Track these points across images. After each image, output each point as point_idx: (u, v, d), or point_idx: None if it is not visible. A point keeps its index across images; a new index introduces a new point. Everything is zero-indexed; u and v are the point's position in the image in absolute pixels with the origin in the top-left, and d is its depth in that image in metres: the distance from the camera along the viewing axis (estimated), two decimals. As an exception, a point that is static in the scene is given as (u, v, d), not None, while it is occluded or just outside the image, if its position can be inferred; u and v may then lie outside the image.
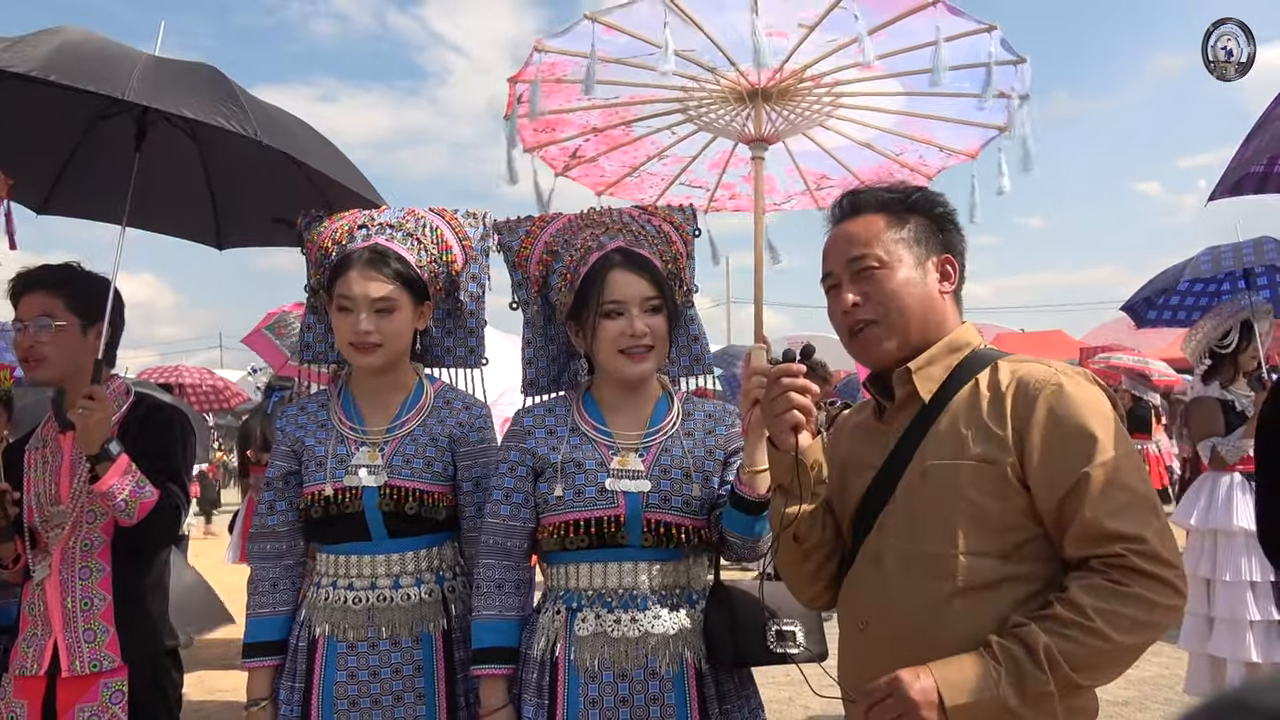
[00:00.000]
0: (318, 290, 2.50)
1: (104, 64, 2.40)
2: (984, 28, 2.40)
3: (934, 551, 1.64)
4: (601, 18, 2.43)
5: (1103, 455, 1.57)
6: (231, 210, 3.38)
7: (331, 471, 2.31)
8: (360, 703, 2.26)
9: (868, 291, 1.76)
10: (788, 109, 2.71)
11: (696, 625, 2.14)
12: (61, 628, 2.50)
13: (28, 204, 3.23)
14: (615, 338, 2.16)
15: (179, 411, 2.76)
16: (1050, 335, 15.92)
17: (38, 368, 2.56)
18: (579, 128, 2.92)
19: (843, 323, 1.80)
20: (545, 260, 2.36)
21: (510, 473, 2.22)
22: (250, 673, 2.36)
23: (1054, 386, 1.64)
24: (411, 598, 2.31)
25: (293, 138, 2.65)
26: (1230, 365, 4.93)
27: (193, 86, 2.50)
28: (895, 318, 1.75)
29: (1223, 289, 5.83)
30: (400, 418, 2.40)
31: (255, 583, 2.40)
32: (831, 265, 1.83)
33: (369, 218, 2.47)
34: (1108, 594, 1.51)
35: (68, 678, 2.48)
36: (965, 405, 1.70)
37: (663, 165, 3.14)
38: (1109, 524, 1.53)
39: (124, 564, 2.58)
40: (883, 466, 1.77)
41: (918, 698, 1.50)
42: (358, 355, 2.33)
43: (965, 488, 1.63)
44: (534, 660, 2.14)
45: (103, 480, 2.40)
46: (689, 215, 2.45)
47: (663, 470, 2.17)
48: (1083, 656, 1.49)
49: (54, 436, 2.63)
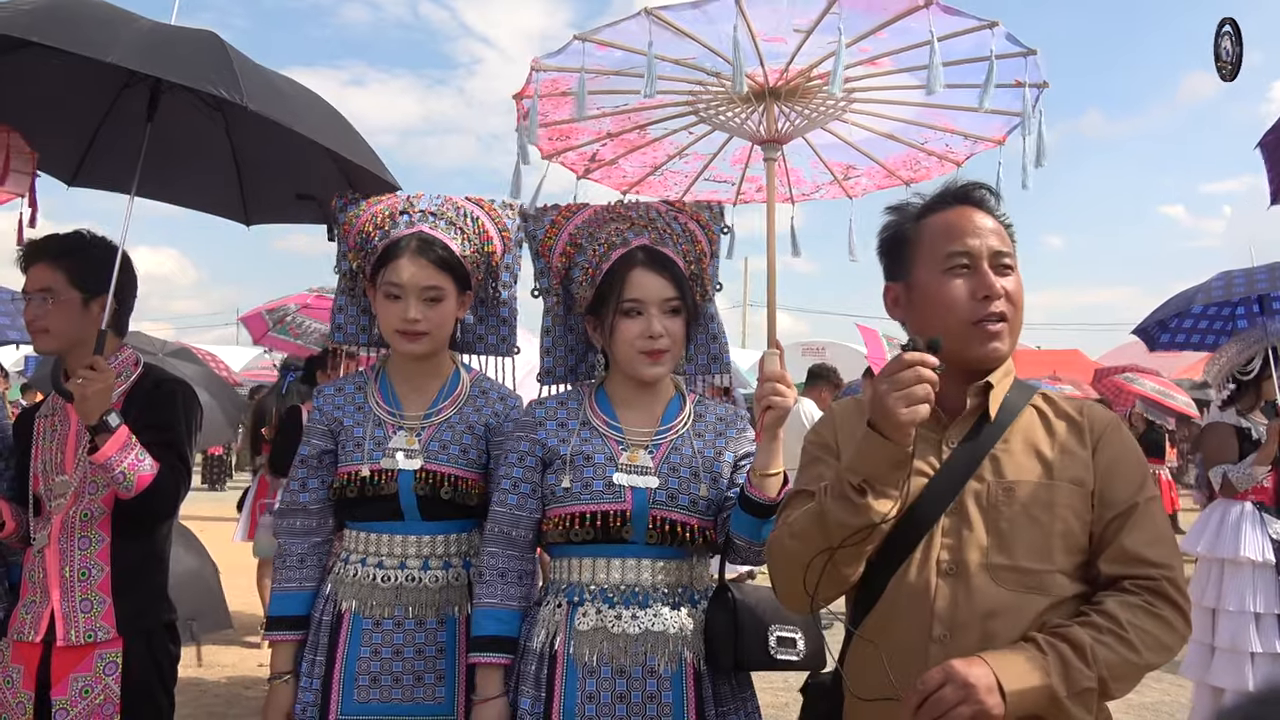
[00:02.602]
0: (355, 274, 2.50)
1: (96, 27, 2.37)
2: (984, 24, 2.38)
3: (1030, 567, 1.66)
4: (591, 37, 2.44)
5: (1147, 491, 1.70)
6: (259, 186, 3.36)
7: (369, 453, 2.33)
8: (381, 680, 2.27)
9: (1008, 289, 1.74)
10: (799, 107, 2.69)
11: (698, 625, 2.13)
12: (59, 597, 2.49)
13: (59, 175, 3.24)
14: (634, 338, 2.14)
15: (184, 384, 2.75)
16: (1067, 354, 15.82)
17: (41, 339, 2.60)
18: (593, 134, 2.94)
19: (976, 310, 1.72)
20: (568, 252, 2.35)
21: (519, 462, 2.22)
22: (274, 646, 2.38)
23: (1116, 423, 1.79)
24: (439, 580, 2.32)
25: (290, 107, 2.60)
26: (1252, 392, 4.89)
27: (185, 53, 2.46)
28: (1017, 324, 1.78)
29: (1237, 313, 5.79)
30: (437, 405, 2.42)
31: (283, 557, 2.41)
32: (975, 246, 1.74)
33: (408, 203, 2.47)
34: (1141, 611, 1.59)
35: (63, 647, 2.48)
36: (1039, 429, 1.76)
37: (685, 163, 3.13)
38: (1147, 552, 1.64)
39: (124, 536, 2.57)
40: (937, 475, 1.74)
41: (976, 681, 1.49)
42: (404, 342, 2.35)
43: (1060, 508, 1.68)
44: (533, 652, 2.13)
45: (101, 451, 2.39)
46: (716, 214, 2.43)
47: (671, 468, 2.16)
48: (1114, 664, 1.55)
49: (63, 405, 2.63)
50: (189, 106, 2.85)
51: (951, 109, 2.74)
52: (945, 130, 2.89)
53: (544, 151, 2.94)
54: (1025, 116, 2.55)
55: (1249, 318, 5.47)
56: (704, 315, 2.41)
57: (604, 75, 2.55)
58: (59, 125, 3.05)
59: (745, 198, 3.25)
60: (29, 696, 2.50)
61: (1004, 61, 2.41)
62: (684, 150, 3.05)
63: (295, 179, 3.12)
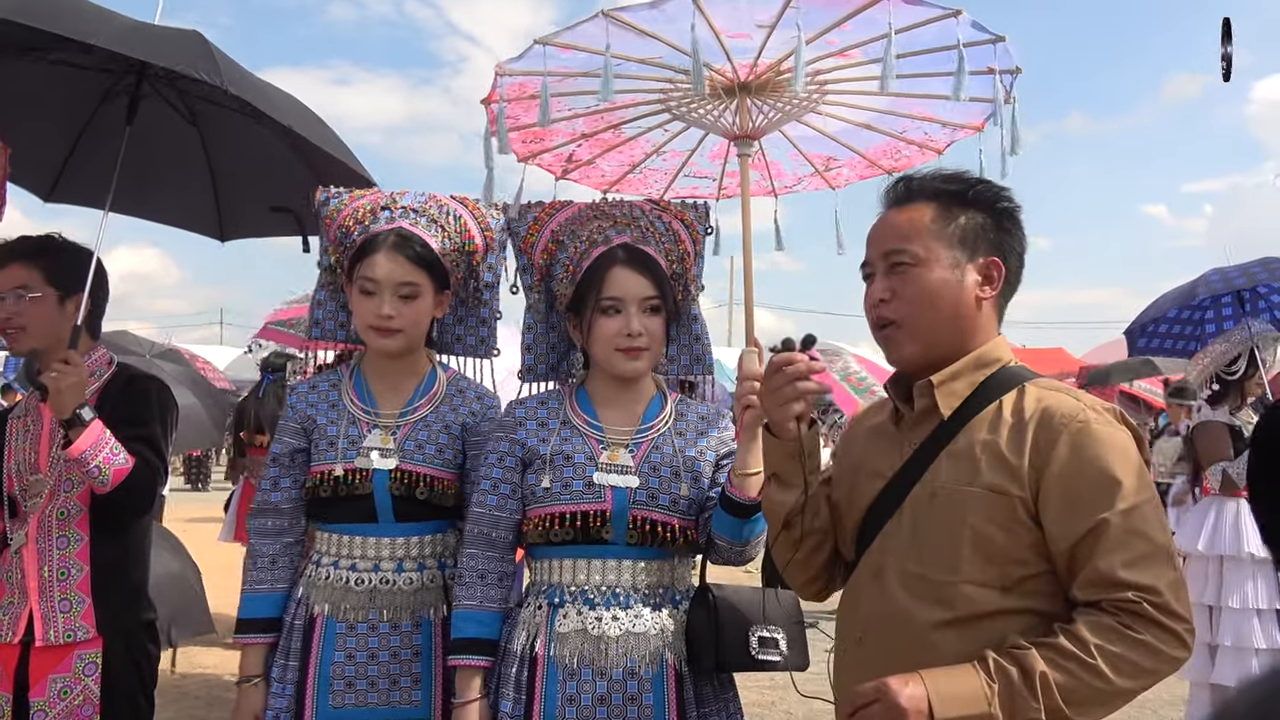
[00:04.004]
0: (335, 269, 2.48)
1: (78, 17, 2.36)
2: (948, 13, 2.34)
3: (934, 577, 1.60)
4: (552, 40, 2.41)
5: (1124, 501, 1.51)
6: (234, 200, 3.36)
7: (343, 452, 2.30)
8: (356, 684, 2.24)
9: (898, 289, 1.68)
10: (772, 100, 2.67)
11: (679, 626, 2.12)
12: (37, 597, 2.47)
13: (36, 191, 3.22)
14: (612, 335, 2.13)
15: (157, 381, 2.73)
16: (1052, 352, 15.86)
17: (16, 338, 2.56)
18: (567, 135, 2.92)
19: (871, 316, 1.74)
20: (550, 249, 2.34)
21: (499, 463, 2.20)
22: (244, 649, 2.33)
23: (1080, 423, 1.56)
24: (414, 582, 2.30)
25: (268, 100, 2.60)
26: (1236, 392, 4.92)
27: (168, 42, 2.47)
28: (919, 321, 1.67)
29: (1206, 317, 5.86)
30: (413, 403, 2.39)
31: (254, 558, 2.37)
32: (870, 254, 1.75)
33: (391, 199, 2.45)
34: (1115, 636, 1.46)
35: (41, 647, 2.46)
36: (985, 428, 1.63)
37: (663, 160, 3.12)
38: (1124, 574, 1.48)
39: (102, 533, 2.55)
40: (894, 478, 1.71)
41: (906, 705, 1.45)
42: (378, 338, 2.32)
43: (972, 515, 1.58)
44: (514, 655, 2.11)
45: (75, 445, 2.37)
46: (702, 213, 2.42)
47: (652, 467, 2.15)
48: (1076, 691, 1.45)
49: (36, 405, 2.61)
50: (166, 118, 2.85)
51: (927, 98, 2.72)
52: (923, 119, 2.87)
53: (519, 154, 2.92)
54: (997, 104, 2.53)
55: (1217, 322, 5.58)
56: (687, 315, 2.40)
57: (570, 77, 2.53)
58: (36, 139, 3.03)
59: (727, 192, 3.23)
60: (7, 698, 2.48)
61: (973, 49, 2.38)
62: (661, 148, 3.03)
63: (271, 190, 3.11)
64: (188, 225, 3.45)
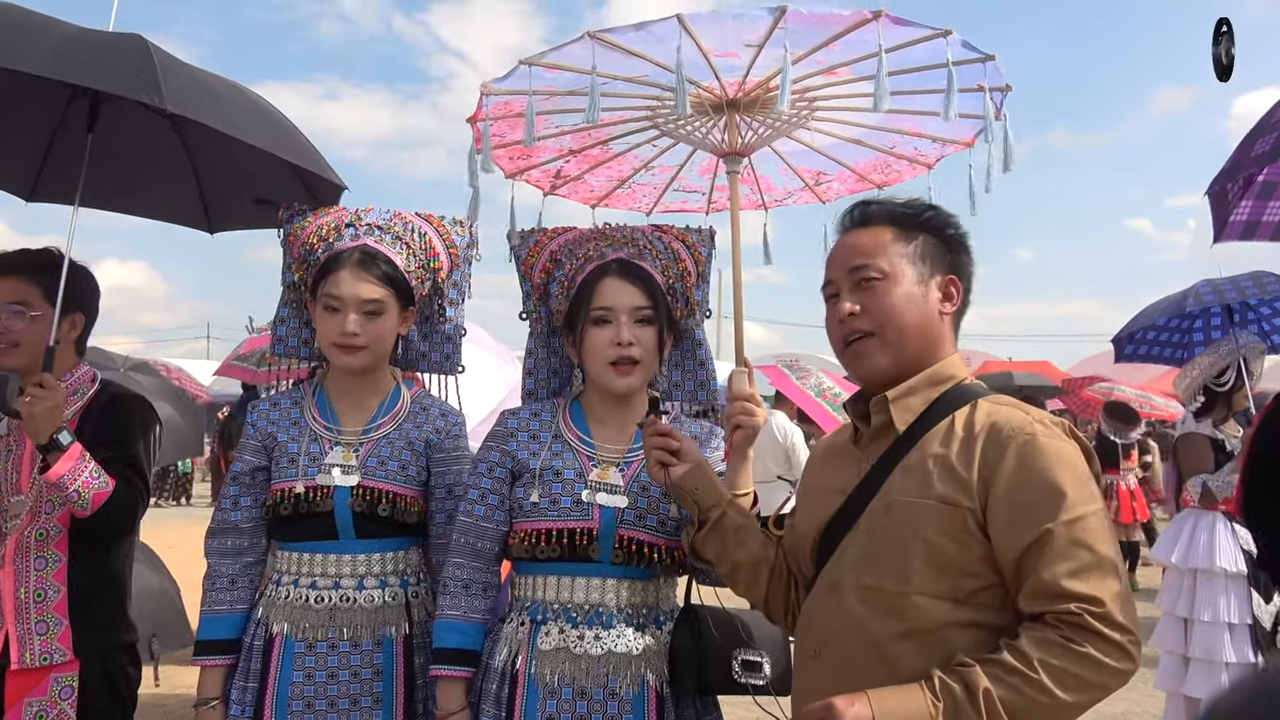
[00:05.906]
0: (299, 286, 2.45)
1: (9, 34, 2.27)
2: (938, 33, 2.36)
3: (887, 589, 1.62)
4: (538, 61, 2.41)
5: (1069, 512, 1.53)
6: (219, 192, 3.29)
7: (304, 469, 2.28)
8: (316, 704, 2.21)
9: (867, 303, 1.73)
10: (761, 117, 2.68)
11: (662, 647, 2.09)
12: (13, 619, 2.44)
13: (17, 192, 3.17)
14: (603, 346, 2.11)
15: (140, 400, 2.70)
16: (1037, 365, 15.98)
17: (7, 354, 2.49)
18: (555, 151, 2.92)
19: (838, 332, 1.77)
20: (548, 269, 2.34)
21: (488, 473, 2.19)
22: (202, 671, 2.29)
23: (1026, 436, 1.59)
24: (375, 600, 2.27)
25: (223, 109, 2.51)
26: (1223, 403, 4.92)
27: (103, 58, 2.36)
28: (892, 332, 1.71)
29: (1195, 326, 5.89)
30: (376, 420, 2.38)
31: (213, 579, 2.34)
32: (833, 273, 1.80)
33: (355, 216, 2.44)
34: (1057, 649, 1.47)
35: (17, 670, 2.42)
36: (937, 442, 1.66)
37: (652, 175, 3.12)
38: (1067, 584, 1.49)
39: (82, 555, 2.51)
40: (852, 494, 1.74)
41: None
42: (342, 356, 2.30)
43: (924, 528, 1.60)
44: (494, 670, 2.09)
45: (53, 470, 2.33)
46: (705, 236, 2.41)
47: (641, 488, 2.13)
48: (1021, 707, 1.46)
49: (18, 425, 2.57)
50: (138, 114, 2.79)
51: (917, 114, 2.73)
52: (913, 134, 2.89)
53: (506, 171, 2.92)
54: (988, 122, 2.54)
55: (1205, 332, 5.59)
56: (691, 340, 2.39)
57: (557, 96, 2.53)
58: (11, 140, 2.98)
59: (717, 206, 3.24)
60: (-19, 722, 2.43)
61: (962, 68, 2.40)
62: (650, 163, 3.04)
63: (254, 183, 3.06)
64: (174, 219, 3.37)
